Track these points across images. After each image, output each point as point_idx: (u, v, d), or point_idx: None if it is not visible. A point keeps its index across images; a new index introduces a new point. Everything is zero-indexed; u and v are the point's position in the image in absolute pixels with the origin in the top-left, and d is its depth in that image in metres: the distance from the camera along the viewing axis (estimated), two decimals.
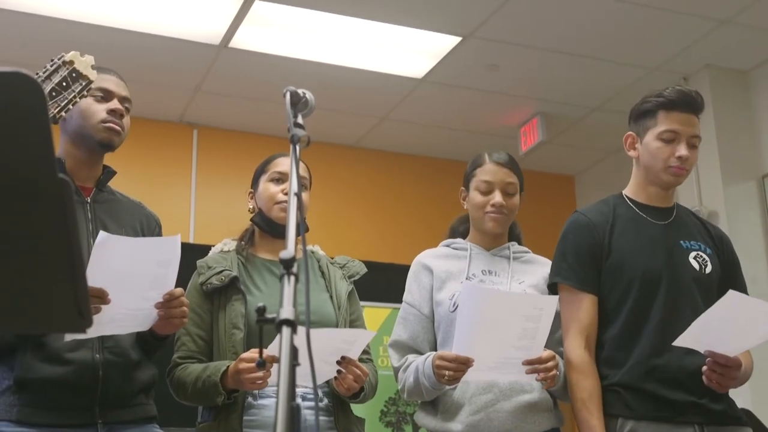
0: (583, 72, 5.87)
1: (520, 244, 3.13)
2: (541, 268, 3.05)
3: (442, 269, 2.99)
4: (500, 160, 3.01)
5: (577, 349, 2.78)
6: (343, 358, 2.58)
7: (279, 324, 1.28)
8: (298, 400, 2.65)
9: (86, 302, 1.20)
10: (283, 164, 2.99)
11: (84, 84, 2.28)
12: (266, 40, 5.46)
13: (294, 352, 1.25)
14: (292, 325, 1.27)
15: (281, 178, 2.96)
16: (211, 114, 6.40)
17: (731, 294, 2.49)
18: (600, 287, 2.85)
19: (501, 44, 5.54)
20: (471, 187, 3.02)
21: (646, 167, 2.92)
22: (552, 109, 6.39)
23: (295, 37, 5.42)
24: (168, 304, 2.45)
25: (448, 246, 3.09)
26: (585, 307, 2.82)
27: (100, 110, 2.60)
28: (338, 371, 2.60)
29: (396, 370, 2.92)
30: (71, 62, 2.25)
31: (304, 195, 2.94)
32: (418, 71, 5.86)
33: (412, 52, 5.65)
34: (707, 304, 2.60)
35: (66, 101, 2.24)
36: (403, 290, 3.07)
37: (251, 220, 3.01)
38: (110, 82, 2.68)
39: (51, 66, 2.24)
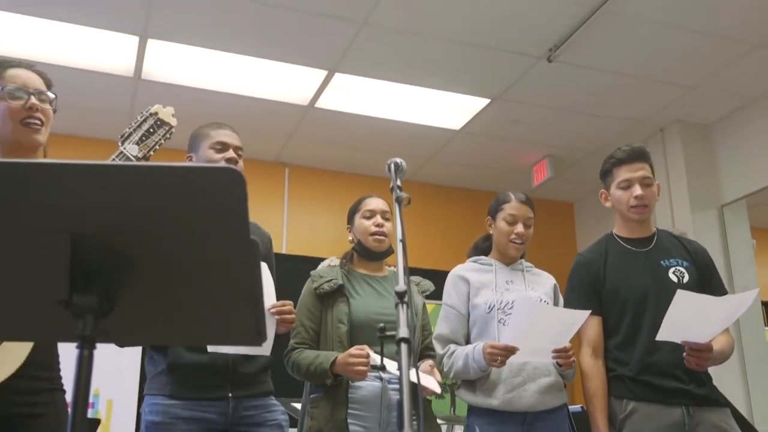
0: (584, 125, 5.88)
1: (524, 260, 3.15)
2: (547, 279, 3.10)
3: (476, 279, 3.01)
4: (522, 199, 3.04)
5: (586, 358, 2.81)
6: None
7: (399, 341, 1.34)
8: (388, 384, 2.69)
9: (263, 324, 1.24)
10: (371, 204, 3.00)
11: (167, 129, 2.19)
12: (344, 102, 5.52)
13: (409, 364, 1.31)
14: (408, 342, 1.33)
15: (371, 215, 2.97)
16: (300, 156, 6.45)
17: (680, 293, 2.45)
18: (602, 309, 2.85)
19: (521, 104, 5.56)
20: (498, 218, 3.03)
21: (618, 211, 2.92)
22: (558, 153, 6.39)
23: (366, 99, 5.49)
24: (281, 310, 2.49)
25: (475, 262, 3.10)
26: (591, 326, 2.82)
27: (218, 159, 2.57)
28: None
29: (440, 357, 2.93)
30: (155, 113, 2.19)
31: (388, 225, 2.97)
32: (456, 125, 5.91)
33: (452, 110, 5.69)
34: None
35: (154, 143, 2.16)
36: (442, 290, 3.09)
37: (353, 248, 3.01)
38: (225, 136, 2.65)
39: (140, 117, 2.17)
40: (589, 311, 2.74)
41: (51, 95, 2.12)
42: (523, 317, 2.65)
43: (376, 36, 4.67)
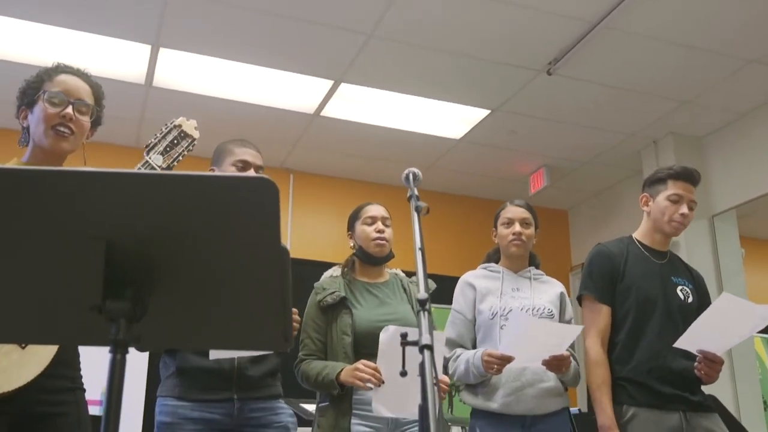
0: (581, 136, 5.87)
1: (537, 269, 3.15)
2: (554, 287, 3.07)
3: (482, 286, 3.01)
4: (518, 203, 3.07)
5: (594, 346, 2.81)
6: None
7: (422, 348, 1.31)
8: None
9: (290, 330, 1.23)
10: (372, 210, 2.96)
11: (190, 141, 2.18)
12: (349, 111, 5.51)
13: (433, 367, 1.29)
14: (430, 348, 1.30)
15: (372, 221, 2.93)
16: (305, 163, 6.43)
17: (724, 295, 2.45)
18: (614, 301, 2.86)
19: (519, 116, 5.56)
20: (498, 225, 3.06)
21: (654, 219, 2.92)
22: (554, 162, 6.39)
23: (371, 109, 5.48)
24: None
25: (485, 269, 3.11)
26: (602, 315, 2.84)
27: None
28: None
29: (446, 360, 2.92)
30: (179, 125, 2.17)
31: (389, 231, 2.96)
32: (457, 134, 5.90)
33: (453, 120, 5.69)
34: (685, 326, 2.59)
35: (177, 154, 2.16)
36: (444, 292, 3.04)
37: (354, 254, 2.96)
38: (249, 155, 2.61)
39: (165, 129, 2.16)
40: (582, 327, 2.76)
41: (92, 105, 2.08)
42: (518, 330, 2.66)
43: (382, 48, 4.66)
